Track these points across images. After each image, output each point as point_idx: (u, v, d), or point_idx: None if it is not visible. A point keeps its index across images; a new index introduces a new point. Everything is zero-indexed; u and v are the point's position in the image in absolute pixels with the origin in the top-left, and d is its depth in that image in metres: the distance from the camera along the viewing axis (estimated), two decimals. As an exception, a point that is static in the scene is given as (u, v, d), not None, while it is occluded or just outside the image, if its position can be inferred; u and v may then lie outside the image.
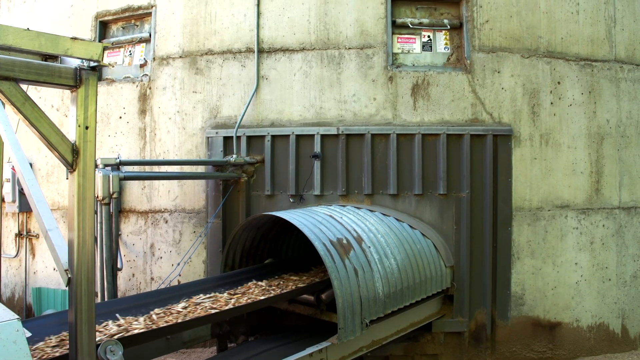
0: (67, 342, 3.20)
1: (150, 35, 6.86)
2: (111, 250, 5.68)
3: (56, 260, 3.05)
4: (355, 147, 6.20)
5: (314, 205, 6.14)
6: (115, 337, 3.36)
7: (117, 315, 3.88)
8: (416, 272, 5.34)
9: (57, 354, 3.13)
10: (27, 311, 7.47)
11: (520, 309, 6.29)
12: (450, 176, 6.19)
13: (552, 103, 6.51)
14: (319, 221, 5.05)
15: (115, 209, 6.20)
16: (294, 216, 5.06)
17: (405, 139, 6.19)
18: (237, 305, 4.31)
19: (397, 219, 5.94)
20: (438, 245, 5.94)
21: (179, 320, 3.83)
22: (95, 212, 5.37)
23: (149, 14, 6.87)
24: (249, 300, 4.44)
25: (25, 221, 7.66)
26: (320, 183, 6.20)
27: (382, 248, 5.10)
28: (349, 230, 5.09)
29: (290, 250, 6.36)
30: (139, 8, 6.88)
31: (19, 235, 7.67)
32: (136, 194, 6.79)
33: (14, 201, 7.44)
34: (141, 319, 3.84)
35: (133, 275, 6.75)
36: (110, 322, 3.74)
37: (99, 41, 7.13)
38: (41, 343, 3.31)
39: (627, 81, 6.91)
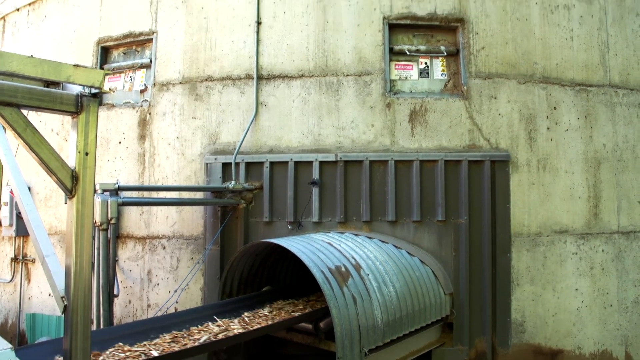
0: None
1: (150, 61, 6.92)
2: (108, 276, 5.64)
3: (52, 286, 3.03)
4: (354, 173, 6.21)
5: (312, 232, 6.13)
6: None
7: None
8: (415, 299, 5.31)
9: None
10: (20, 338, 7.39)
11: (521, 337, 6.24)
12: (448, 202, 6.19)
13: (548, 128, 6.56)
14: (317, 248, 5.04)
15: (113, 234, 6.17)
16: (292, 243, 5.05)
17: (404, 166, 6.21)
18: (233, 334, 4.27)
19: (396, 246, 5.93)
20: (437, 272, 5.92)
21: (175, 349, 3.79)
22: (93, 238, 5.36)
23: (150, 40, 6.94)
24: (246, 329, 4.41)
25: (21, 245, 7.63)
26: (319, 210, 6.20)
27: (381, 275, 5.08)
28: (348, 257, 5.08)
29: (288, 278, 6.33)
30: (140, 34, 6.96)
31: (14, 259, 7.63)
32: (134, 219, 6.77)
33: (11, 225, 7.42)
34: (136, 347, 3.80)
35: (129, 301, 6.70)
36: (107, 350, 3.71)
37: (100, 66, 7.21)
38: (35, 373, 3.27)
39: (622, 105, 6.97)
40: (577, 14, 6.85)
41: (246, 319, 4.70)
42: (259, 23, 6.48)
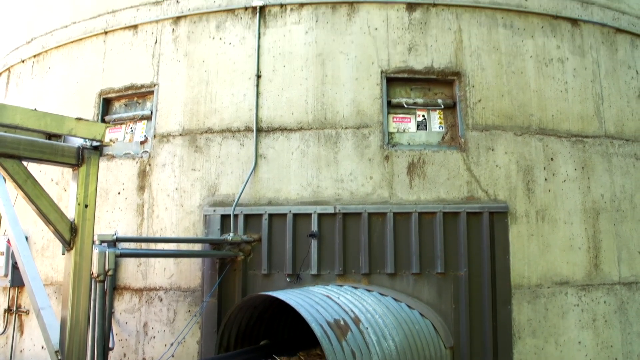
0: None
1: (151, 112, 7.01)
2: (104, 329, 5.54)
3: (46, 340, 2.98)
4: (353, 226, 6.21)
5: (311, 284, 6.08)
6: None
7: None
8: (415, 353, 5.23)
9: None
10: (12, 392, 7.23)
11: (523, 392, 6.11)
12: (447, 254, 6.16)
13: (546, 179, 6.59)
14: (316, 302, 4.99)
15: (110, 286, 6.10)
16: (291, 296, 5.00)
17: (402, 218, 6.21)
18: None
19: (395, 299, 5.87)
20: (437, 325, 5.85)
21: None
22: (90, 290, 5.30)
23: (151, 92, 7.05)
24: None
25: (16, 296, 7.53)
26: (317, 262, 6.17)
27: (380, 329, 5.02)
28: (346, 310, 5.03)
29: (286, 331, 6.24)
30: (142, 86, 7.07)
31: (8, 310, 7.52)
32: (131, 270, 6.72)
33: (6, 275, 7.34)
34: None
35: (124, 355, 6.57)
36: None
37: (102, 117, 7.29)
38: None
39: (619, 156, 7.03)
40: (571, 67, 6.99)
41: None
42: (258, 76, 6.59)
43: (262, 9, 6.71)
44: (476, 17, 6.73)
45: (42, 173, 7.33)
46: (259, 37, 6.65)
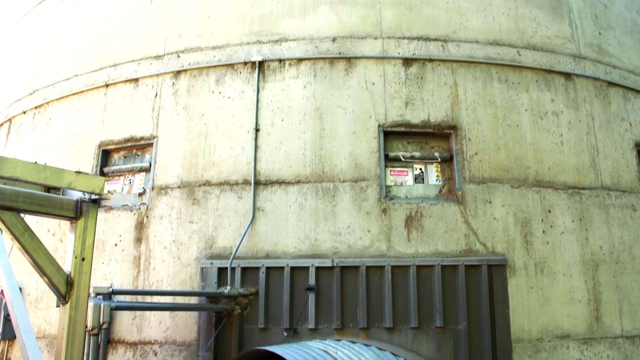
0: None
1: (150, 164, 7.05)
2: (97, 385, 5.43)
3: None
4: (350, 279, 6.16)
5: (308, 339, 5.98)
6: None
7: None
8: (415, 411, 5.11)
9: None
10: None
11: None
12: (446, 308, 6.09)
13: (544, 231, 6.59)
14: (313, 357, 4.91)
15: (104, 339, 6.02)
16: (288, 351, 4.93)
17: (400, 271, 6.17)
18: None
19: (394, 354, 5.77)
20: (437, 382, 5.73)
21: None
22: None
23: (150, 145, 7.11)
24: None
25: (6, 349, 7.39)
26: (315, 316, 6.09)
27: (379, 387, 4.92)
28: (344, 367, 4.94)
29: (283, 388, 6.10)
30: (141, 139, 7.14)
31: (-2, 364, 7.38)
32: (126, 323, 6.62)
33: (-3, 327, 7.22)
34: None
35: (118, 412, 6.41)
36: None
37: (101, 169, 7.33)
38: None
39: (616, 207, 7.05)
40: (566, 120, 7.09)
41: None
42: (257, 130, 6.67)
43: (261, 63, 6.85)
44: (471, 71, 6.87)
45: (39, 223, 7.30)
46: (258, 91, 6.76)
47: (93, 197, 4.24)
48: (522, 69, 7.06)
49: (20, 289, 7.16)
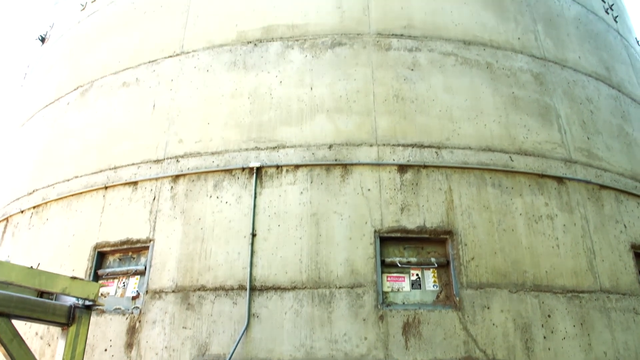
0: None
1: (145, 268, 6.99)
2: None
3: None
4: (347, 392, 5.95)
5: None
6: None
7: None
8: None
9: None
10: None
11: None
12: None
13: (545, 337, 6.44)
14: None
15: None
16: None
17: (399, 383, 5.98)
18: None
19: None
20: None
21: None
22: None
23: (146, 248, 7.08)
24: None
25: None
26: None
27: None
28: None
29: None
30: (138, 241, 7.13)
31: None
32: None
33: None
34: None
35: None
36: None
37: (95, 271, 7.26)
38: None
39: (617, 311, 6.94)
40: (560, 223, 7.14)
41: None
42: (254, 235, 6.68)
43: (259, 169, 6.98)
44: (465, 177, 7.01)
45: (27, 326, 7.13)
46: (255, 197, 6.84)
47: (87, 303, 4.18)
48: (515, 174, 7.20)
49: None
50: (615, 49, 9.97)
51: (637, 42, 11.46)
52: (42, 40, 11.06)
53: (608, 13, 10.47)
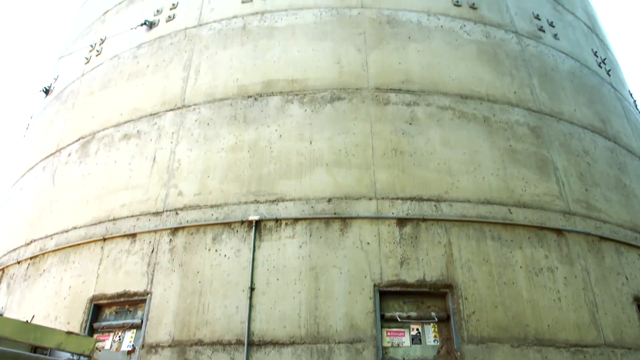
0: None
1: (142, 321, 6.89)
2: None
3: None
4: None
5: None
6: None
7: None
8: None
9: None
10: None
11: None
12: None
13: (550, 395, 6.30)
14: None
15: None
16: None
17: None
18: None
19: None
20: None
21: None
22: None
23: (143, 301, 7.00)
24: None
25: None
26: None
27: None
28: None
29: None
30: (135, 294, 7.04)
31: None
32: None
33: None
34: None
35: None
36: None
37: (90, 324, 7.15)
38: None
39: (624, 373, 6.82)
40: (561, 276, 7.09)
41: None
42: (252, 289, 6.61)
43: (258, 223, 6.98)
44: (464, 230, 7.00)
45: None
46: (254, 250, 6.82)
47: (82, 358, 4.11)
48: (514, 227, 7.20)
49: None
50: (610, 101, 10.15)
51: (631, 94, 11.67)
52: (46, 92, 11.26)
53: (601, 67, 10.71)
